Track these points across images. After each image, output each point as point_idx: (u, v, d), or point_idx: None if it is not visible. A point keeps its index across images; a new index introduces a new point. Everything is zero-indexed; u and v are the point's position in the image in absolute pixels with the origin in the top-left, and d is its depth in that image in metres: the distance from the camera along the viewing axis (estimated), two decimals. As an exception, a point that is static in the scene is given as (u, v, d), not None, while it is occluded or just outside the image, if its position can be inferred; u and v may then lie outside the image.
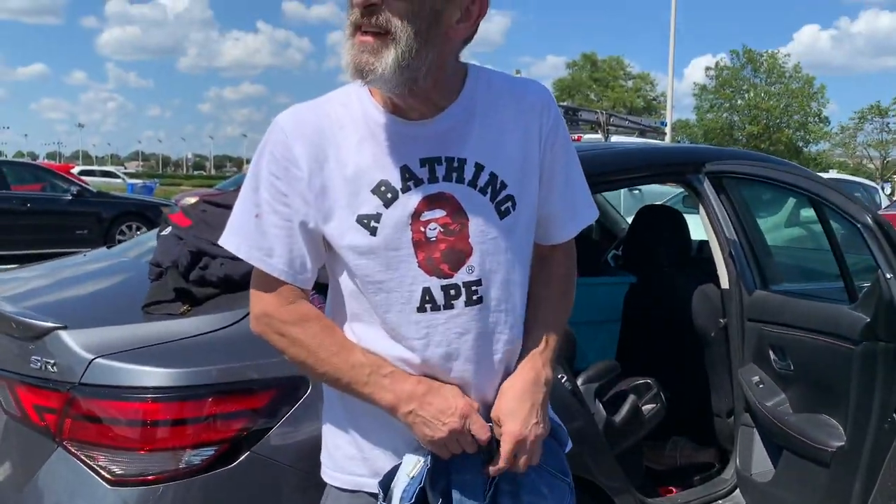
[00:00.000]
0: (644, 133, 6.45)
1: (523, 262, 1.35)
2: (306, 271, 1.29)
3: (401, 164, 1.25)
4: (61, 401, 1.63)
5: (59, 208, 11.54)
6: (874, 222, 2.04)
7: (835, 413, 2.16)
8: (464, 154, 1.27)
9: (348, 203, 1.24)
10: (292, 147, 1.25)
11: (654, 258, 3.11)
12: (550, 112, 1.34)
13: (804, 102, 43.68)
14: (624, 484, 2.15)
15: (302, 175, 1.24)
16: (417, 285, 1.25)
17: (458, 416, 1.24)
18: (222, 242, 1.31)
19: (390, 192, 1.24)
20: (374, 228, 1.24)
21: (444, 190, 1.25)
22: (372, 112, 1.27)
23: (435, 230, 1.25)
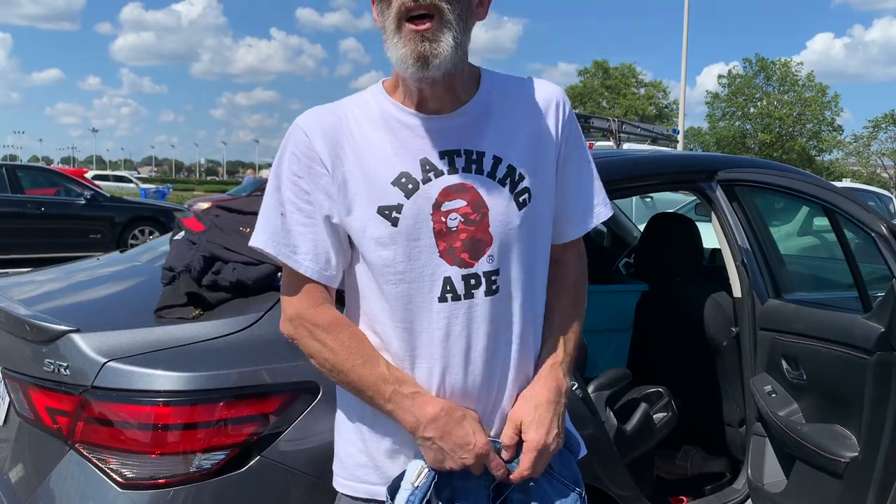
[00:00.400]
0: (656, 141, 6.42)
1: (542, 255, 1.37)
2: (331, 267, 1.31)
3: (421, 157, 1.28)
4: (73, 404, 1.63)
5: (72, 212, 11.63)
6: (889, 231, 2.02)
7: (848, 424, 2.14)
8: (482, 147, 1.30)
9: (369, 195, 1.27)
10: (313, 145, 1.28)
11: (666, 266, 3.10)
12: (565, 109, 1.38)
13: (817, 111, 43.46)
14: (634, 493, 2.14)
15: (324, 171, 1.28)
16: (439, 275, 1.27)
17: (475, 455, 1.25)
18: (252, 243, 1.34)
19: (411, 184, 1.26)
20: (396, 219, 1.26)
21: (464, 181, 1.28)
22: (389, 108, 1.31)
23: (455, 220, 1.27)
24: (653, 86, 54.03)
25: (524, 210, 1.30)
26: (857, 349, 2.07)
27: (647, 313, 3.11)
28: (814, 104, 43.27)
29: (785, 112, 43.32)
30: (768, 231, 2.82)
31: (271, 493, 1.61)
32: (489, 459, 1.27)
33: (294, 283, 1.32)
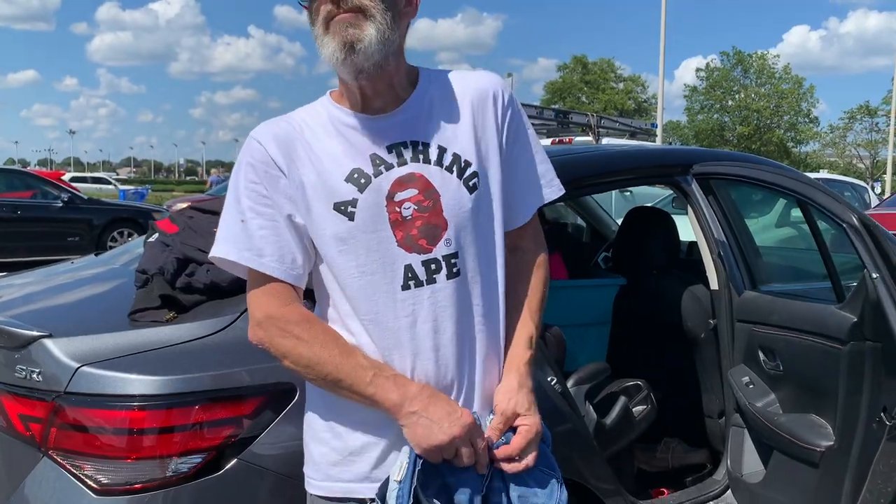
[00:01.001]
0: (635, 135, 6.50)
1: (497, 238, 1.39)
2: (297, 266, 1.33)
3: (370, 153, 1.32)
4: (47, 410, 1.61)
5: (50, 215, 11.49)
6: (860, 222, 2.04)
7: (824, 413, 2.16)
8: (426, 138, 1.35)
9: (325, 194, 1.30)
10: (268, 151, 1.32)
11: (644, 260, 3.11)
12: (504, 97, 1.42)
13: (794, 103, 43.90)
14: (615, 486, 2.15)
15: (280, 174, 1.32)
16: (399, 263, 1.30)
17: (463, 425, 1.27)
18: (213, 254, 1.35)
19: (363, 178, 1.30)
20: (352, 213, 1.29)
21: (413, 170, 1.32)
22: (337, 114, 1.36)
23: (410, 209, 1.30)
24: (632, 80, 54.31)
25: (475, 194, 1.34)
26: (831, 339, 2.09)
27: (625, 307, 3.13)
28: (790, 96, 43.72)
29: (762, 104, 43.73)
30: (744, 223, 2.84)
31: (249, 495, 1.60)
32: (476, 433, 1.28)
33: (261, 287, 1.33)
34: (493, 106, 1.39)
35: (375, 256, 1.29)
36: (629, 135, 10.39)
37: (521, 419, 1.33)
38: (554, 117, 10.58)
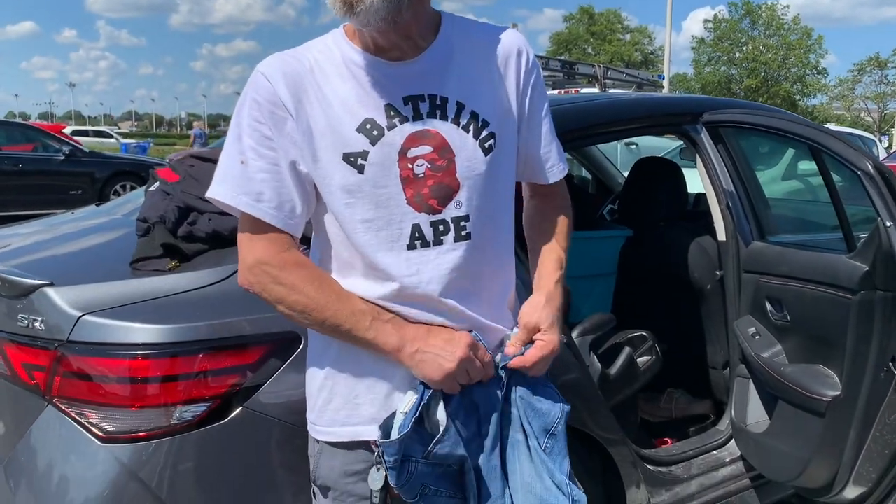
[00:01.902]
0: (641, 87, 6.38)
1: (508, 201, 1.38)
2: (296, 216, 1.27)
3: (385, 103, 1.25)
4: (50, 359, 1.61)
5: (51, 168, 11.44)
6: (875, 169, 2.00)
7: (831, 363, 2.15)
8: (445, 93, 1.28)
9: (334, 142, 1.24)
10: (276, 90, 1.24)
11: (651, 211, 3.08)
12: (527, 56, 1.37)
13: (802, 55, 43.25)
14: (619, 436, 2.15)
15: (287, 116, 1.24)
16: (407, 222, 1.26)
17: (465, 345, 1.26)
18: (210, 194, 1.29)
19: (376, 130, 1.24)
20: (362, 166, 1.23)
21: (429, 127, 1.26)
22: (351, 54, 1.27)
23: (423, 166, 1.25)
24: (638, 31, 53.50)
25: (490, 156, 1.30)
26: (841, 289, 2.06)
27: (631, 258, 3.10)
28: (798, 48, 43.05)
29: (770, 56, 43.11)
30: (753, 174, 2.79)
31: (254, 443, 1.60)
32: (478, 350, 1.28)
33: (255, 232, 1.27)
34: (515, 65, 1.35)
35: (383, 213, 1.25)
36: (636, 86, 10.23)
37: (540, 334, 1.34)
38: (560, 68, 10.40)
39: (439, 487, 1.30)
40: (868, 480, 2.13)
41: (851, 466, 2.12)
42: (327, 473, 1.36)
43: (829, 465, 2.15)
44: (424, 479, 1.28)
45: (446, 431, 1.27)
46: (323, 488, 1.38)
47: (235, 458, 1.59)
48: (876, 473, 2.11)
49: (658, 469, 2.35)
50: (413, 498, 1.28)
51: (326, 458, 1.36)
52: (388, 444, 1.25)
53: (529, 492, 1.32)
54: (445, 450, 1.28)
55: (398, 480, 1.26)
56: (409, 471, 1.26)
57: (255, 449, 1.61)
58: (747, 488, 2.50)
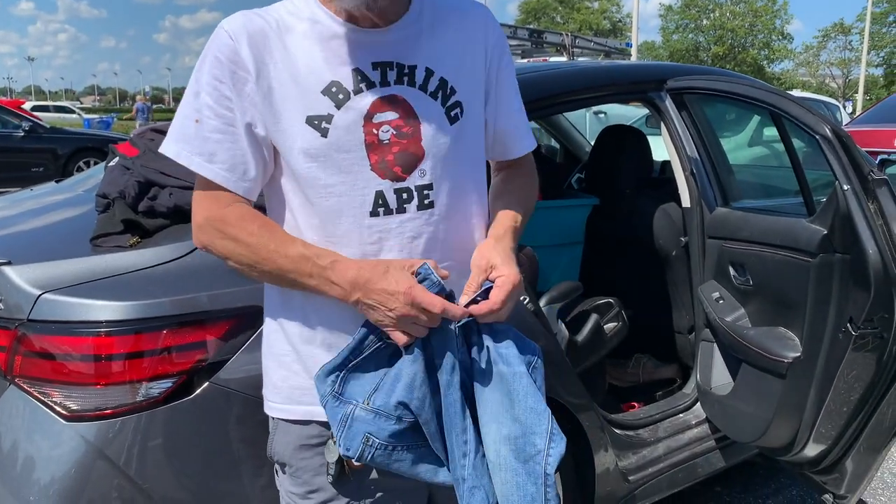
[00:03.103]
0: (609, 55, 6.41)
1: (474, 171, 1.36)
2: (249, 178, 1.25)
3: (352, 67, 1.24)
4: (10, 338, 1.58)
5: (11, 145, 11.19)
6: (833, 133, 2.02)
7: (792, 326, 2.19)
8: (414, 61, 1.27)
9: (298, 104, 1.22)
10: (238, 49, 1.22)
11: (617, 179, 3.10)
12: (494, 30, 1.38)
13: (768, 21, 43.50)
14: (587, 401, 2.18)
15: (248, 77, 1.22)
16: (370, 188, 1.24)
17: (404, 302, 1.18)
18: (162, 149, 1.26)
19: (342, 93, 1.23)
20: (326, 130, 1.22)
21: (396, 93, 1.25)
22: (322, 17, 1.26)
23: (388, 132, 1.24)
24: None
25: (456, 125, 1.29)
26: (801, 252, 2.10)
27: (598, 227, 3.13)
28: (764, 14, 43.25)
29: (737, 23, 43.26)
30: (717, 140, 2.81)
31: (221, 417, 1.59)
32: (422, 298, 1.17)
33: (205, 191, 1.26)
34: (483, 39, 1.36)
35: (346, 178, 1.23)
36: (604, 55, 10.22)
37: (496, 271, 1.24)
38: (528, 37, 10.38)
39: (393, 441, 1.22)
40: (827, 438, 2.19)
41: (811, 425, 2.18)
42: (282, 449, 1.35)
43: (790, 425, 2.20)
44: (366, 429, 1.21)
45: (385, 377, 1.23)
46: (280, 464, 1.38)
47: (203, 434, 1.59)
48: (835, 431, 2.17)
49: (625, 433, 2.39)
50: (357, 450, 1.21)
51: (281, 434, 1.35)
52: (317, 377, 1.23)
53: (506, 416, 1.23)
54: (382, 398, 1.21)
55: (336, 426, 1.21)
56: (346, 414, 1.21)
57: (223, 424, 1.60)
58: (712, 450, 2.55)
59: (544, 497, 1.21)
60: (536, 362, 1.29)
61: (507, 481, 1.22)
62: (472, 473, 1.24)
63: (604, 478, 2.24)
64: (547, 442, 1.22)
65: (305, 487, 1.33)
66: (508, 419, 1.23)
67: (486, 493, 1.24)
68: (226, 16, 1.28)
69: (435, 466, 1.28)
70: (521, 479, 1.22)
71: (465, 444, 1.25)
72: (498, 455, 1.23)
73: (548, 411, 1.24)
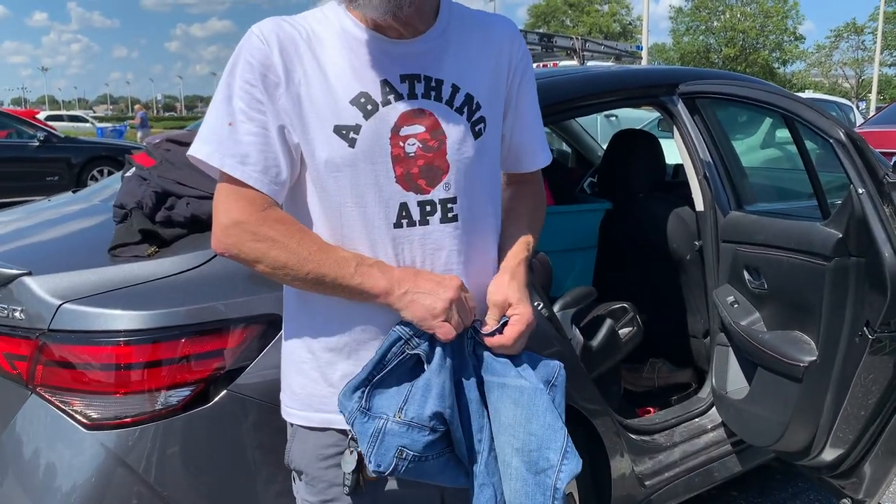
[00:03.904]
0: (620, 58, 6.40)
1: (494, 185, 1.39)
2: (280, 181, 1.25)
3: (381, 78, 1.25)
4: (31, 348, 1.60)
5: (26, 155, 11.27)
6: (846, 137, 2.02)
7: (808, 329, 2.18)
8: (441, 75, 1.28)
9: (325, 114, 1.23)
10: (270, 54, 1.22)
11: (630, 183, 3.09)
12: (520, 46, 1.40)
13: (779, 22, 43.29)
14: (602, 407, 2.18)
15: (279, 81, 1.23)
16: (395, 200, 1.26)
17: (455, 287, 1.24)
18: (191, 152, 1.25)
19: (370, 104, 1.23)
20: (353, 140, 1.23)
21: (423, 106, 1.26)
22: (350, 27, 1.27)
23: (414, 146, 1.25)
24: (616, 2, 53.24)
25: (479, 140, 1.31)
26: (816, 256, 2.09)
27: (611, 231, 3.13)
28: (776, 14, 43.06)
29: (748, 25, 43.09)
30: (730, 144, 2.81)
31: (239, 425, 1.61)
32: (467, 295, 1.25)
33: (234, 193, 1.23)
34: (508, 53, 1.37)
35: (372, 189, 1.24)
36: (614, 58, 10.22)
37: (512, 309, 1.29)
38: (538, 42, 10.39)
39: (426, 452, 1.22)
40: (845, 442, 2.18)
41: (829, 429, 2.17)
42: (300, 457, 1.35)
43: (807, 429, 2.20)
44: (399, 442, 1.20)
45: (413, 389, 1.23)
46: (297, 472, 1.38)
47: (221, 441, 1.60)
48: (852, 435, 2.16)
49: (641, 438, 2.39)
50: (389, 465, 1.20)
51: (299, 442, 1.36)
52: (342, 395, 1.23)
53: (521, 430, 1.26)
54: (414, 409, 1.21)
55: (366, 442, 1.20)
56: (378, 429, 1.20)
57: (241, 431, 1.62)
58: (729, 454, 2.55)
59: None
60: (557, 380, 1.31)
61: (516, 490, 1.26)
62: (482, 471, 1.27)
63: (620, 483, 2.24)
64: (560, 458, 1.24)
65: (320, 497, 1.34)
66: (522, 432, 1.26)
67: (494, 491, 1.27)
68: (237, 24, 1.31)
69: (458, 471, 1.29)
70: (531, 489, 1.25)
71: (480, 444, 1.28)
72: (509, 466, 1.26)
73: (564, 430, 1.26)
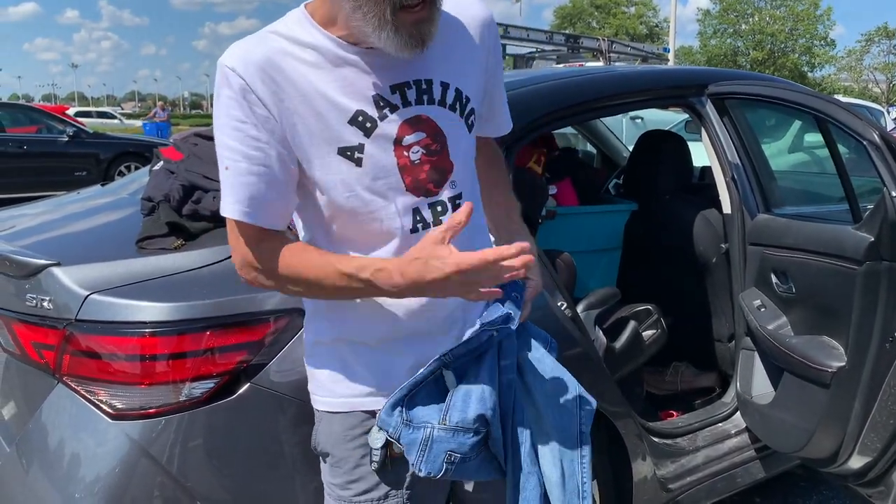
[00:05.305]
0: (646, 59, 6.37)
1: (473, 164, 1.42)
2: (285, 213, 1.28)
3: (372, 93, 1.23)
4: (58, 337, 1.62)
5: (56, 150, 11.42)
6: (881, 139, 1.98)
7: (836, 334, 2.15)
8: (430, 74, 1.28)
9: (326, 138, 1.22)
10: (252, 86, 1.18)
11: (656, 184, 3.07)
12: (494, 28, 1.41)
13: (810, 26, 42.77)
14: (625, 409, 2.17)
15: (268, 114, 1.19)
16: (408, 208, 1.27)
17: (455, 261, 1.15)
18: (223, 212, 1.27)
19: (368, 122, 1.23)
20: (359, 159, 1.23)
21: (420, 113, 1.26)
22: (326, 44, 1.22)
23: (418, 153, 1.26)
24: (643, 4, 52.95)
25: (472, 132, 1.34)
26: (847, 260, 2.06)
27: (636, 232, 3.10)
28: (806, 18, 42.55)
29: (777, 28, 42.64)
30: (759, 146, 2.77)
31: (261, 418, 1.61)
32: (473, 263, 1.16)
33: (241, 230, 1.26)
34: (486, 35, 1.37)
35: (385, 202, 1.25)
36: (641, 59, 10.16)
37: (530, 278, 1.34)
38: (564, 42, 10.36)
39: (472, 454, 1.28)
40: (873, 450, 2.14)
41: (856, 437, 2.13)
42: (326, 439, 1.39)
43: (834, 436, 2.16)
44: (447, 447, 1.25)
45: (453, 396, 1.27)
46: (322, 454, 1.41)
47: (244, 434, 1.61)
48: (881, 443, 2.12)
49: (664, 441, 2.37)
50: (439, 469, 1.26)
51: (325, 425, 1.39)
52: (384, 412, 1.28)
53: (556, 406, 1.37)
54: (458, 414, 1.26)
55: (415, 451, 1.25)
56: (425, 437, 1.26)
57: (264, 424, 1.62)
58: (752, 459, 2.51)
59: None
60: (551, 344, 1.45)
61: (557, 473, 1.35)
62: (526, 460, 1.34)
63: (641, 486, 2.22)
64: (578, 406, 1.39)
65: (346, 477, 1.37)
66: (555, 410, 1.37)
67: (538, 479, 1.35)
68: (265, 23, 1.28)
69: (492, 466, 1.34)
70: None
71: (520, 435, 1.33)
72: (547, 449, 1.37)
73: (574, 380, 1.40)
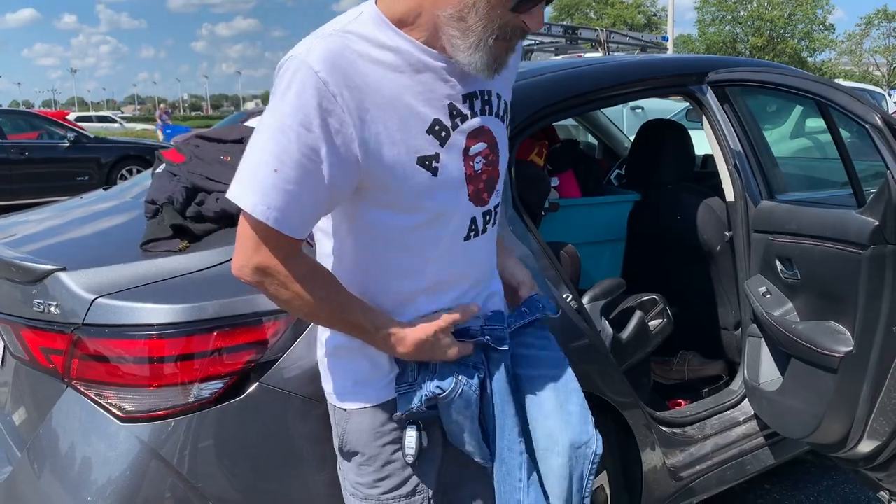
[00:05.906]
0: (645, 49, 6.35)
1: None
2: (312, 226, 1.26)
3: (447, 102, 1.25)
4: (66, 342, 1.63)
5: (57, 155, 11.46)
6: (883, 122, 1.98)
7: (843, 319, 2.15)
8: (491, 86, 1.31)
9: (407, 146, 1.21)
10: (338, 94, 1.13)
11: (658, 174, 3.06)
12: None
13: (809, 10, 42.60)
14: (632, 399, 2.17)
15: (349, 121, 1.15)
16: (467, 216, 1.31)
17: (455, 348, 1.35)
18: (232, 195, 1.18)
19: (444, 131, 1.24)
20: (436, 168, 1.24)
21: (483, 123, 1.30)
22: (407, 47, 1.21)
23: (480, 163, 1.30)
24: (640, -7, 52.73)
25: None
26: (852, 244, 2.05)
27: (640, 222, 3.10)
28: (805, 3, 42.39)
29: (776, 13, 42.49)
30: (761, 133, 2.77)
31: (272, 417, 1.62)
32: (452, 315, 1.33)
33: (263, 237, 1.18)
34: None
35: (449, 209, 1.28)
36: (639, 49, 10.13)
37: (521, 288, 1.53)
38: (562, 34, 10.31)
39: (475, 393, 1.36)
40: (882, 434, 2.14)
41: (865, 421, 2.13)
42: (356, 438, 1.38)
43: (842, 421, 2.16)
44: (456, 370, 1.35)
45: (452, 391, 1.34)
46: (350, 453, 1.41)
47: (254, 433, 1.61)
48: (889, 427, 2.12)
49: (672, 430, 2.37)
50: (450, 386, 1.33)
51: (355, 423, 1.38)
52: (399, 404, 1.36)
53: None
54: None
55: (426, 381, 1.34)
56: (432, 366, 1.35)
57: (273, 423, 1.63)
58: (762, 446, 2.51)
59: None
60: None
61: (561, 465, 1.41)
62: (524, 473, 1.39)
63: (651, 475, 2.22)
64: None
65: (375, 476, 1.38)
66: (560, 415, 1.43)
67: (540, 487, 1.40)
68: (262, 23, 1.27)
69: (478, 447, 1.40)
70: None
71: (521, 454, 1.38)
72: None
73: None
